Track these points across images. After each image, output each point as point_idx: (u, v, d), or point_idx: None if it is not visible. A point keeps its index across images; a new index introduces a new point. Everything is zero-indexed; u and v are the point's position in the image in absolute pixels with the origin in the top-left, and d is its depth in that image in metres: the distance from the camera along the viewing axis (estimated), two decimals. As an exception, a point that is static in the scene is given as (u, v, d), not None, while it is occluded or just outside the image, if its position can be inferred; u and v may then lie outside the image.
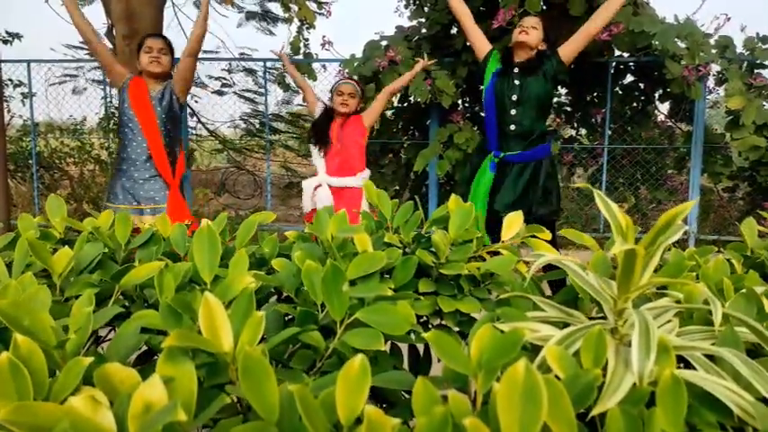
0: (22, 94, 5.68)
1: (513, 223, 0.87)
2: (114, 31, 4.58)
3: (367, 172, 3.51)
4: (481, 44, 3.37)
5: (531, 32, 3.06)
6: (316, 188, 3.37)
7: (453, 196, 0.90)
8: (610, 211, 0.66)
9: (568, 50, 3.25)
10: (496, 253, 0.88)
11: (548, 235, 0.86)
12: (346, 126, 3.42)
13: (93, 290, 0.65)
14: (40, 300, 0.58)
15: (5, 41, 6.08)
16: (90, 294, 0.63)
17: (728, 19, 4.35)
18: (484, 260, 0.85)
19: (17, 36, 6.39)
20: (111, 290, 0.70)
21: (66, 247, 0.74)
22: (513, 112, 2.99)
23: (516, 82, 3.01)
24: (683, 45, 4.35)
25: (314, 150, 3.43)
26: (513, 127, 2.98)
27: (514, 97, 3.00)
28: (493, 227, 3.01)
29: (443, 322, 0.76)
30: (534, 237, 0.86)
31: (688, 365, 0.58)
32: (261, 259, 0.86)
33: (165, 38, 3.13)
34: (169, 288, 0.61)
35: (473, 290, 0.78)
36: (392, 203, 0.94)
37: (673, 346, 0.54)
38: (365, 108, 3.75)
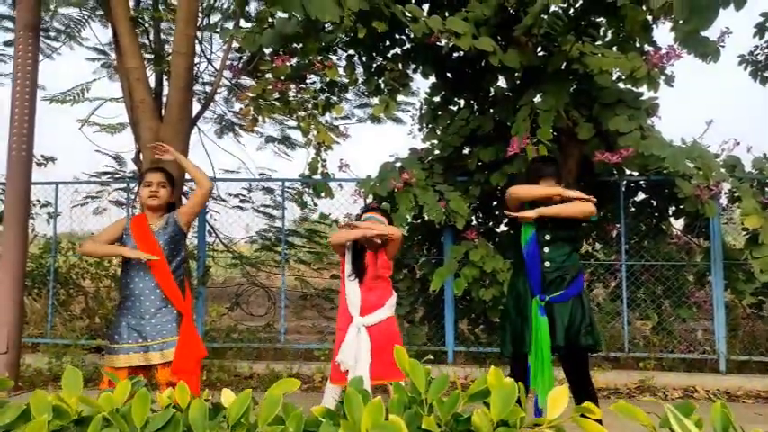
0: (48, 213, 5.87)
1: (559, 400, 0.81)
2: (141, 156, 4.81)
3: (393, 299, 3.37)
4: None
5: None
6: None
7: (493, 369, 0.86)
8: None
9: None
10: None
11: (599, 412, 0.81)
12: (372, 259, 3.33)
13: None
14: None
15: (39, 164, 6.39)
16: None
17: (738, 143, 4.48)
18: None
19: (51, 159, 6.74)
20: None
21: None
22: (546, 250, 3.02)
23: (549, 223, 3.04)
24: (692, 165, 4.45)
25: (349, 284, 3.27)
26: (548, 264, 2.99)
27: (548, 237, 3.03)
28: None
29: None
30: (584, 416, 0.80)
31: None
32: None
33: (163, 171, 3.19)
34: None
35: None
36: (425, 371, 0.89)
37: None
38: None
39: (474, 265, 4.88)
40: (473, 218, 5.47)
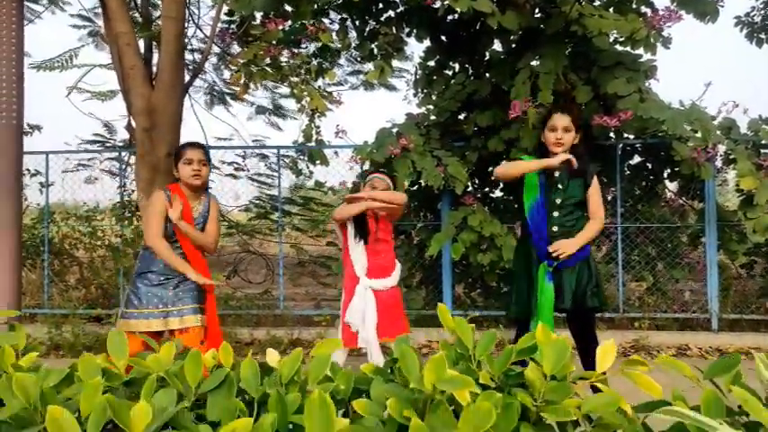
0: (40, 183, 5.78)
1: (608, 354, 0.83)
2: (134, 123, 4.72)
3: (398, 269, 3.40)
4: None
5: (564, 138, 2.96)
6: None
7: (541, 325, 0.86)
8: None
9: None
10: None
11: (647, 366, 0.82)
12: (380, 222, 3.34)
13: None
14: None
15: (26, 133, 6.25)
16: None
17: (737, 105, 4.49)
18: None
19: (37, 128, 6.59)
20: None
21: (144, 401, 0.69)
22: (555, 214, 2.96)
23: (560, 186, 2.96)
24: (688, 127, 4.46)
25: (355, 248, 3.28)
26: (555, 228, 2.94)
27: (558, 200, 2.96)
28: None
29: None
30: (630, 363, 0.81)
31: None
32: (335, 399, 0.80)
33: (203, 146, 3.10)
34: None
35: (577, 434, 0.72)
36: (470, 328, 0.90)
37: None
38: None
39: (472, 230, 4.90)
40: (470, 183, 5.46)
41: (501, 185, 5.70)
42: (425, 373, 0.69)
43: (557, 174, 2.98)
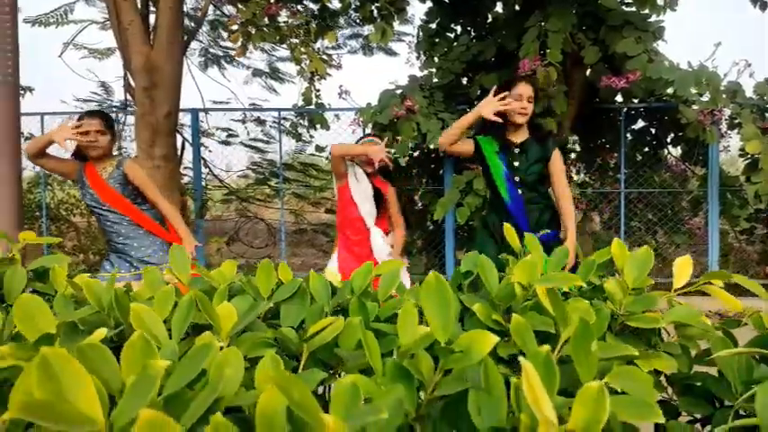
0: (34, 146, 5.65)
1: (684, 269, 0.81)
2: (133, 82, 4.61)
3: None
4: (465, 147, 3.03)
5: (528, 108, 2.89)
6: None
7: (617, 240, 0.85)
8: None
9: (553, 171, 2.96)
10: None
11: (729, 276, 0.81)
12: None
13: (272, 350, 0.58)
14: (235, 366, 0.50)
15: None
16: (273, 356, 0.55)
17: (749, 64, 4.45)
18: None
19: (29, 89, 6.42)
20: (287, 350, 0.62)
21: (226, 302, 0.67)
22: (519, 191, 2.88)
23: (515, 164, 2.90)
24: (694, 91, 4.43)
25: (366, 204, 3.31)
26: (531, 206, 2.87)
27: (517, 178, 2.89)
28: None
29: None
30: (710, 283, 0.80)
31: None
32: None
33: (102, 115, 2.99)
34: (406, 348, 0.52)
35: (660, 344, 0.71)
36: (538, 246, 0.88)
37: None
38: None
39: (477, 194, 4.87)
40: (474, 147, 5.41)
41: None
42: (517, 273, 0.67)
43: (516, 150, 2.91)
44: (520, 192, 2.87)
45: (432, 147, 4.84)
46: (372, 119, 5.03)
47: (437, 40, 5.71)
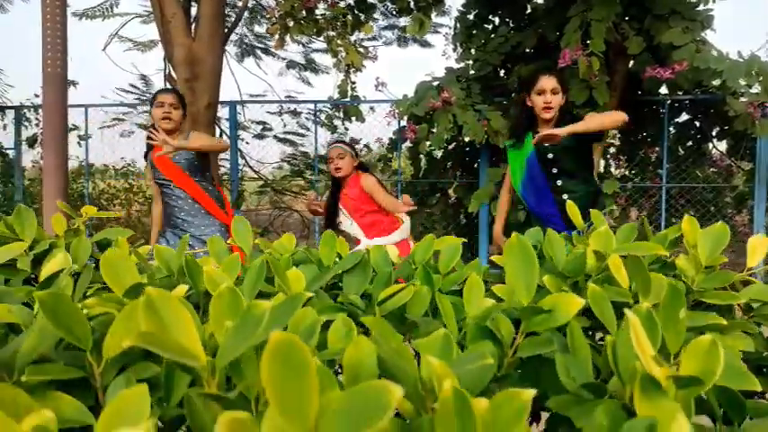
0: (79, 136, 5.83)
1: (760, 247, 0.78)
2: (175, 74, 4.69)
3: (405, 225, 3.42)
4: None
5: (553, 101, 2.76)
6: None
7: (687, 217, 0.82)
8: None
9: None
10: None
11: None
12: (349, 188, 3.37)
13: (343, 313, 0.58)
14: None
15: (63, 88, 6.28)
16: (345, 318, 0.55)
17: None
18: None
19: (73, 83, 6.61)
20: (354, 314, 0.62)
21: (294, 267, 0.67)
22: (559, 183, 2.81)
23: (550, 155, 2.81)
24: (743, 82, 4.28)
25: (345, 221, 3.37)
26: (565, 196, 2.79)
27: (554, 170, 2.81)
28: None
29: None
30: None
31: None
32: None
33: (176, 92, 3.21)
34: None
35: (735, 323, 0.68)
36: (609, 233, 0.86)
37: None
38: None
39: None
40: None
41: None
42: (592, 243, 0.66)
43: (546, 144, 2.82)
44: (560, 183, 2.81)
45: (467, 139, 4.81)
46: (408, 110, 5.02)
47: (474, 31, 5.65)
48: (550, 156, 2.81)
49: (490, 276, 0.84)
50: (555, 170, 2.82)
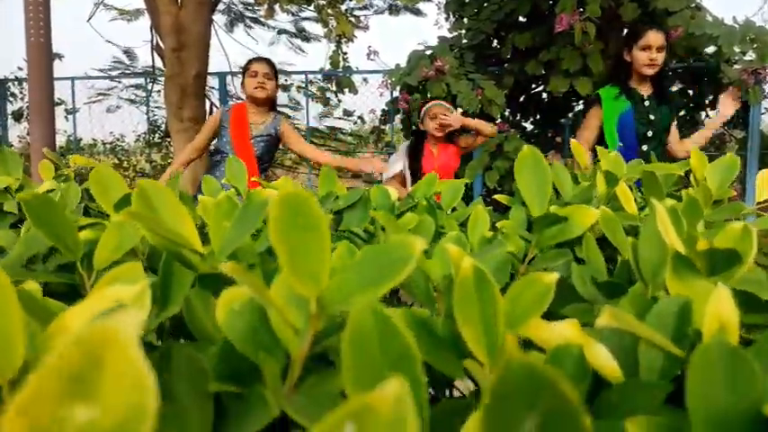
0: (66, 110, 5.72)
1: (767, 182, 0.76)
2: (162, 44, 4.59)
3: None
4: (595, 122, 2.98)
5: (658, 58, 2.75)
6: None
7: (695, 152, 0.80)
8: None
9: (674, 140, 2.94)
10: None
11: None
12: (440, 150, 3.32)
13: (346, 241, 0.55)
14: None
15: (47, 60, 6.14)
16: (347, 244, 0.53)
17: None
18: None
19: (58, 56, 6.47)
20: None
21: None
22: (644, 148, 2.77)
23: (651, 116, 2.76)
24: (737, 49, 4.25)
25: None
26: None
27: (649, 133, 2.76)
28: None
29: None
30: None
31: None
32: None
33: (270, 61, 3.05)
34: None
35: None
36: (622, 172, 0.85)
37: None
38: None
39: (507, 156, 4.79)
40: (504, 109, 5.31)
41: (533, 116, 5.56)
42: (603, 165, 0.64)
43: (646, 103, 2.78)
44: (645, 148, 2.77)
45: (461, 109, 4.75)
46: (401, 80, 4.95)
47: (467, 0, 5.56)
48: (652, 117, 2.77)
49: (495, 218, 0.82)
50: (650, 133, 2.77)
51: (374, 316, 0.21)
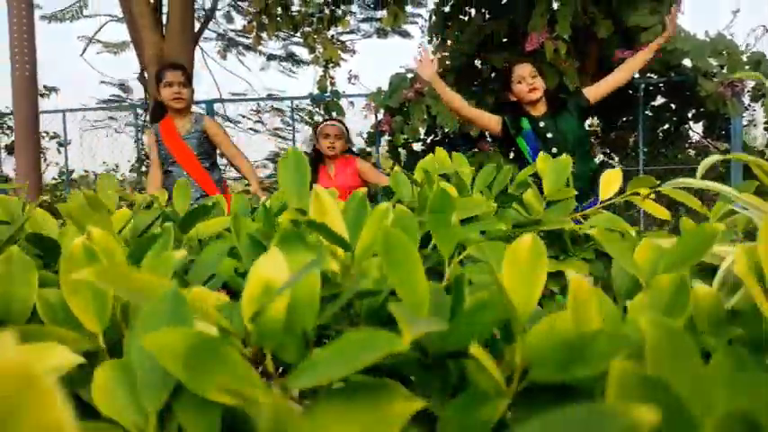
0: (58, 143, 5.84)
1: (613, 180, 0.78)
2: (146, 74, 4.70)
3: None
4: (490, 121, 3.09)
5: (536, 82, 2.86)
6: None
7: (542, 154, 0.82)
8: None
9: (595, 94, 3.05)
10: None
11: (652, 180, 0.78)
12: (338, 169, 3.34)
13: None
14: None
15: (42, 95, 6.30)
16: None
17: (767, 31, 4.29)
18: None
19: (54, 90, 6.63)
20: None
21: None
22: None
23: (549, 133, 2.84)
24: (714, 62, 4.29)
25: None
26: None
27: (555, 149, 2.82)
28: None
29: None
30: (637, 194, 0.77)
31: None
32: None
33: (183, 68, 3.09)
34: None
35: (577, 251, 0.69)
36: (470, 172, 0.87)
37: None
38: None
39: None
40: (487, 129, 5.35)
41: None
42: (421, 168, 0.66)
43: (541, 124, 2.87)
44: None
45: (446, 129, 4.80)
46: (383, 103, 5.02)
47: (449, 23, 5.66)
48: (549, 135, 2.84)
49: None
50: (555, 150, 2.82)
51: None
